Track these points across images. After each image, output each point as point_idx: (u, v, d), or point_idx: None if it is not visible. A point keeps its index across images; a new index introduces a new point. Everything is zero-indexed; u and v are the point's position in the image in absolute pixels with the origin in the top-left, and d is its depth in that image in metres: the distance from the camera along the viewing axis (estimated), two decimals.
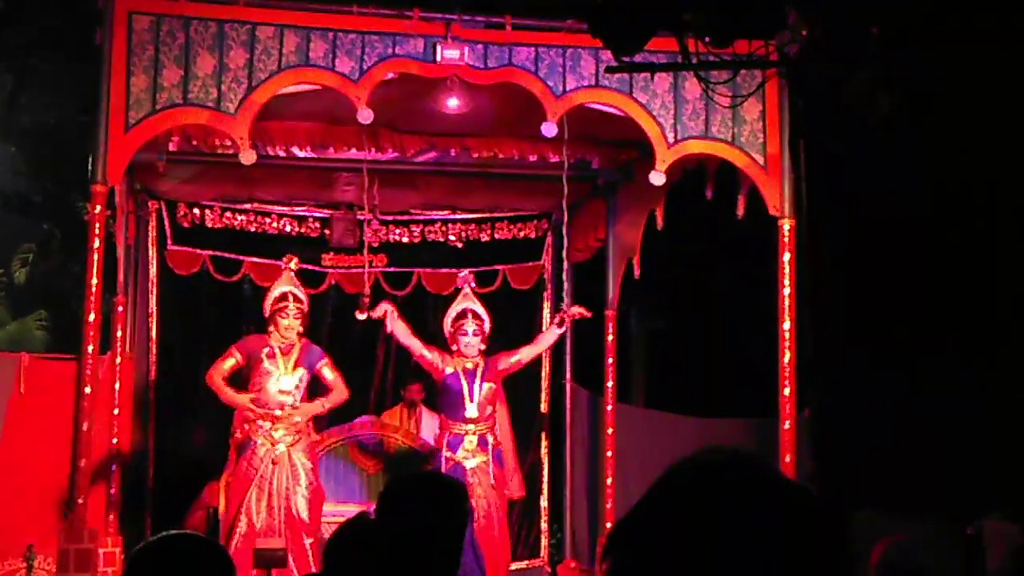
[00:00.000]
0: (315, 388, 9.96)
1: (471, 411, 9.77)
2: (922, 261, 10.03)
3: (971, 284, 9.84)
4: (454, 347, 9.93)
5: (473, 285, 10.32)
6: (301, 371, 9.65)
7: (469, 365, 9.84)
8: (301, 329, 9.78)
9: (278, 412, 9.52)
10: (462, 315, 9.98)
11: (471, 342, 9.88)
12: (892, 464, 9.88)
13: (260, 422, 9.53)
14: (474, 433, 9.76)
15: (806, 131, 8.29)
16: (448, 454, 9.74)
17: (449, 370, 9.83)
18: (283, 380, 9.56)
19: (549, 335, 10.38)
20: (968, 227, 9.60)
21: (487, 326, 9.98)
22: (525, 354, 10.21)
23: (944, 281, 9.95)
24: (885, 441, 9.96)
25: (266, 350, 9.62)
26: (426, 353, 9.90)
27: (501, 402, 10.54)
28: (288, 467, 9.46)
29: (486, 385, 9.81)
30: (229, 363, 9.69)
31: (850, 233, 10.07)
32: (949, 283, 9.95)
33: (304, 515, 9.43)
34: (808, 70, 7.17)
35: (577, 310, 10.13)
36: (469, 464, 9.66)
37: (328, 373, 9.85)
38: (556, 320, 10.26)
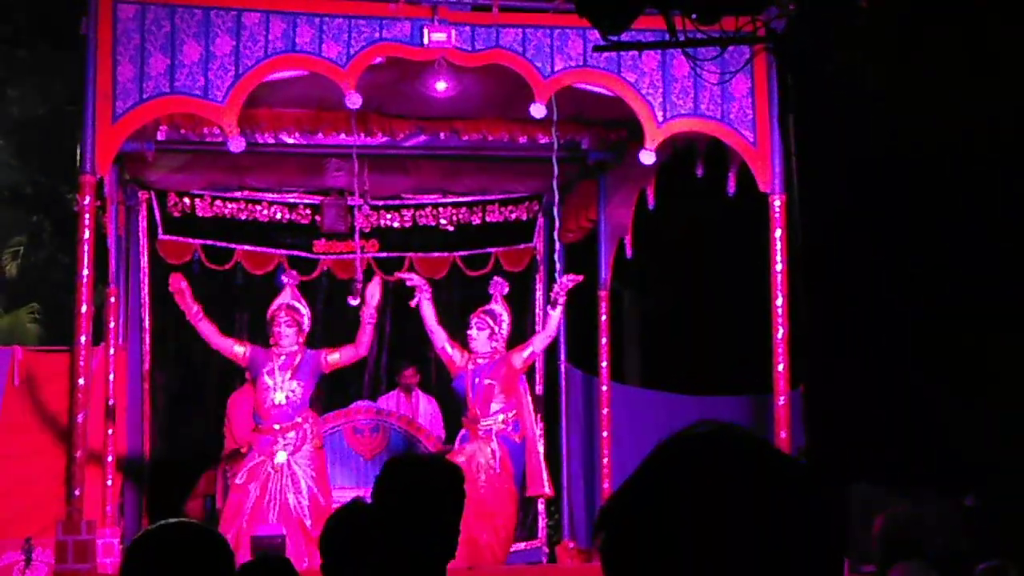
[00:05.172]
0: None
1: (473, 408, 9.76)
2: (916, 229, 10.01)
3: (968, 250, 9.82)
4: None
5: (505, 292, 10.24)
6: (295, 384, 9.65)
7: (481, 362, 9.84)
8: (300, 339, 9.79)
9: (276, 426, 9.57)
10: (474, 314, 9.98)
11: (478, 337, 9.85)
12: (889, 437, 9.88)
13: (262, 438, 9.59)
14: (480, 429, 9.74)
15: (795, 107, 8.25)
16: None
17: (463, 367, 9.84)
18: (276, 395, 9.60)
19: (553, 318, 10.05)
20: (964, 194, 9.58)
21: (502, 325, 9.92)
22: (538, 343, 10.19)
23: (940, 247, 9.93)
24: (882, 414, 9.96)
25: (267, 366, 9.68)
26: (448, 347, 9.93)
27: (520, 398, 10.22)
28: (288, 475, 9.49)
29: (485, 382, 9.77)
30: (238, 347, 9.80)
31: (842, 205, 10.05)
32: (945, 249, 9.93)
33: (307, 519, 9.42)
34: (796, 45, 7.15)
35: (568, 279, 10.07)
36: (475, 459, 9.63)
37: (334, 354, 9.90)
38: (551, 300, 10.11)
